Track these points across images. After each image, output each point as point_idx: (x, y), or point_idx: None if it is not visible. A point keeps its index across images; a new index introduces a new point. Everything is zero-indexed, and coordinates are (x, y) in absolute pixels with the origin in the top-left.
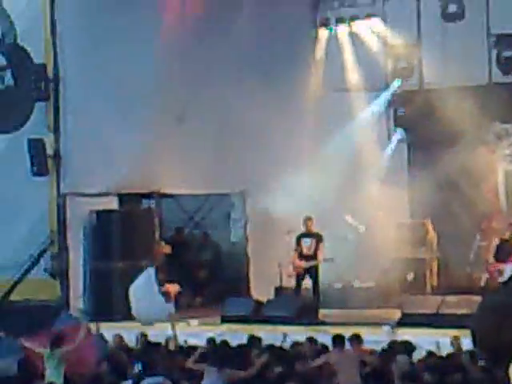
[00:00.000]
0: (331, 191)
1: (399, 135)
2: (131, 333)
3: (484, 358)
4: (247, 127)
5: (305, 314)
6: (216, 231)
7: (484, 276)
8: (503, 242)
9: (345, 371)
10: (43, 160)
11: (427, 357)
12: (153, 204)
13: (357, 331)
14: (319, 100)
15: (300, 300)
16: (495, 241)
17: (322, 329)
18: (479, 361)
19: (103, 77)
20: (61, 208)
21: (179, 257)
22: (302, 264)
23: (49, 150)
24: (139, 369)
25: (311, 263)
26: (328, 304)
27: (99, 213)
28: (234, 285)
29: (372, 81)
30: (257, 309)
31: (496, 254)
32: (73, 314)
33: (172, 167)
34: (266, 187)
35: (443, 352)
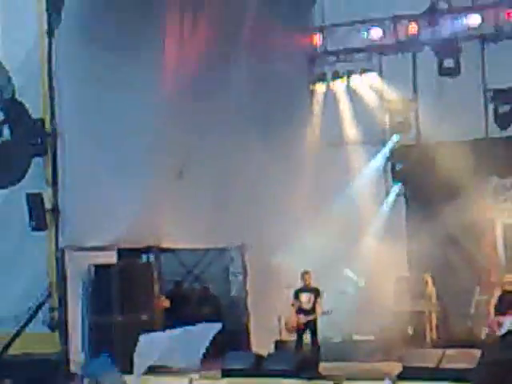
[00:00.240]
0: (330, 245)
1: (397, 189)
2: None
3: None
4: (246, 181)
5: (305, 368)
6: (215, 285)
7: (484, 329)
8: (505, 294)
9: None
10: (42, 214)
11: None
12: (152, 258)
13: None
14: (317, 154)
15: (300, 354)
16: (497, 292)
17: (323, 383)
18: None
19: (101, 131)
20: (59, 262)
21: (178, 311)
22: (301, 318)
23: (47, 205)
24: None
25: (310, 317)
26: (328, 357)
27: (98, 267)
28: (235, 338)
29: (369, 135)
30: (257, 363)
31: (497, 306)
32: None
33: (171, 221)
34: (265, 241)
35: None
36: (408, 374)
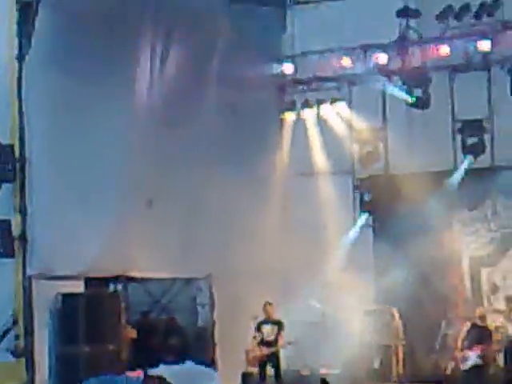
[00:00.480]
0: (297, 274)
1: (364, 220)
2: None
3: None
4: (215, 210)
5: None
6: (182, 315)
7: (450, 363)
8: (473, 327)
9: None
10: (9, 241)
11: None
12: (119, 287)
13: None
14: (286, 182)
15: None
16: (466, 326)
17: None
18: None
19: (70, 158)
20: (26, 290)
21: (145, 341)
22: (263, 350)
23: (15, 232)
24: None
25: (272, 349)
26: None
27: (65, 296)
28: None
29: (338, 165)
30: None
31: (465, 340)
32: None
33: (139, 251)
34: (232, 271)
35: None
36: None
